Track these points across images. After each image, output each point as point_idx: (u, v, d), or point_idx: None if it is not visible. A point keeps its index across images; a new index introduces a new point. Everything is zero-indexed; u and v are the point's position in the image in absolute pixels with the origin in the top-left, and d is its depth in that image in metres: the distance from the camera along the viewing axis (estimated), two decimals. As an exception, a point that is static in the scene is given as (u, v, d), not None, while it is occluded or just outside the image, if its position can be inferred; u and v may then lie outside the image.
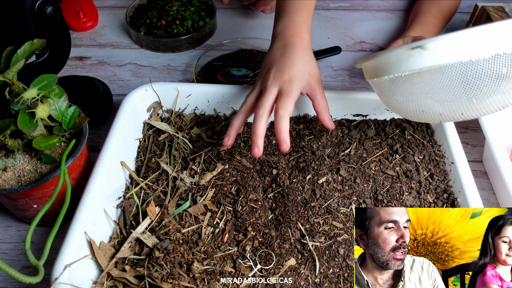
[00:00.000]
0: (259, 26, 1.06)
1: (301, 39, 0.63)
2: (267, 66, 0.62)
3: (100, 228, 0.61)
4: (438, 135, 0.74)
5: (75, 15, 1.01)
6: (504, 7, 0.85)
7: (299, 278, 0.57)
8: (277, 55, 0.61)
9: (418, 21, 0.83)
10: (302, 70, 0.59)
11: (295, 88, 0.58)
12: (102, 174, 0.64)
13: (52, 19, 0.64)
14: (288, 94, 0.57)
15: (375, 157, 0.71)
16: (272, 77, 0.59)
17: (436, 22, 0.82)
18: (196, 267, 0.57)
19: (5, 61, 0.57)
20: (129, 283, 0.57)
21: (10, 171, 0.59)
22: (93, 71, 0.94)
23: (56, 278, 0.53)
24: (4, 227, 0.69)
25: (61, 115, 0.61)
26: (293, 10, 0.65)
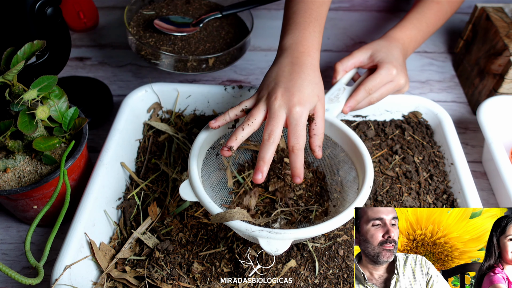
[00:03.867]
0: (257, 27, 1.06)
1: (311, 59, 0.60)
2: (274, 82, 0.59)
3: (100, 229, 0.62)
4: (438, 136, 0.74)
5: (75, 15, 1.00)
6: (504, 8, 0.86)
7: (298, 279, 0.57)
8: (285, 72, 0.59)
9: (413, 16, 0.80)
10: (311, 92, 0.57)
11: (304, 116, 0.56)
12: (102, 175, 0.64)
13: (52, 19, 0.64)
14: (299, 125, 0.55)
15: (374, 157, 0.71)
16: (280, 96, 0.56)
17: (432, 21, 0.80)
18: (196, 268, 0.58)
19: (5, 62, 0.57)
20: (129, 284, 0.57)
21: (10, 172, 0.59)
22: (93, 71, 0.94)
23: (56, 279, 0.53)
24: (5, 228, 0.69)
25: (61, 116, 0.61)
26: (304, 24, 0.63)
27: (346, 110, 0.68)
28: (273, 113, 0.56)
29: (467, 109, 0.88)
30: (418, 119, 0.77)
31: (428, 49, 1.01)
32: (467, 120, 0.86)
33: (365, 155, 0.60)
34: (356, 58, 0.72)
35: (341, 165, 0.66)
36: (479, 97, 0.85)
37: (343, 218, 0.53)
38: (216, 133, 0.63)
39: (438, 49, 1.02)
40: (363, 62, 0.72)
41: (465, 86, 0.91)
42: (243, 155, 0.70)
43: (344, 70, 0.72)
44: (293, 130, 0.55)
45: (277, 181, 0.67)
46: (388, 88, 0.69)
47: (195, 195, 0.56)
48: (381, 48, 0.71)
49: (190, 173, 0.57)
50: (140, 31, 0.83)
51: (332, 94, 0.69)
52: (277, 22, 1.11)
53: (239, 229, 0.52)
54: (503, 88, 0.79)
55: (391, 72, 0.68)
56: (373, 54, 0.71)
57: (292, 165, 0.56)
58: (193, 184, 0.56)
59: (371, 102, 0.69)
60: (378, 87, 0.68)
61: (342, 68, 0.72)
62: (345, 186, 0.64)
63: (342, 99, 0.68)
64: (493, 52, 0.81)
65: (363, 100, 0.68)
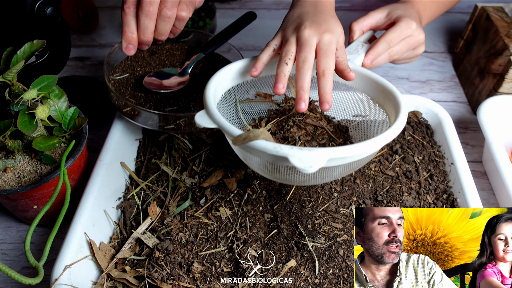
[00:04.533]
0: (257, 27, 1.06)
1: (330, 3, 0.64)
2: (299, 19, 0.60)
3: (100, 229, 0.62)
4: (438, 135, 0.74)
5: (75, 15, 1.00)
6: (504, 8, 0.85)
7: (298, 279, 0.57)
8: (309, 11, 0.61)
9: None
10: (336, 25, 0.60)
11: (334, 42, 0.57)
12: (102, 175, 0.64)
13: (52, 19, 0.64)
14: (329, 51, 0.56)
15: (374, 157, 0.71)
16: (309, 26, 0.58)
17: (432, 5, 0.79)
18: (196, 268, 0.58)
19: (5, 62, 0.57)
20: (129, 284, 0.57)
21: (10, 172, 0.59)
22: (93, 71, 0.94)
23: (56, 279, 0.53)
24: (4, 228, 0.69)
25: (61, 116, 0.61)
26: None
27: (367, 62, 0.66)
28: (304, 41, 0.57)
29: (467, 109, 0.88)
30: (418, 119, 0.77)
31: (428, 49, 1.01)
32: (467, 120, 0.86)
33: (394, 90, 0.58)
34: (372, 17, 0.70)
35: (366, 112, 0.63)
36: (479, 97, 0.85)
37: (384, 139, 0.50)
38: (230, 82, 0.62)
39: (438, 49, 1.02)
40: (379, 22, 0.71)
41: (465, 86, 0.91)
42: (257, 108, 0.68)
43: (361, 29, 0.70)
44: (324, 54, 0.56)
45: (297, 130, 0.63)
46: (408, 42, 0.67)
47: (213, 121, 0.52)
48: (398, 7, 0.70)
49: (206, 101, 0.54)
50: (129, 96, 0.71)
51: (351, 48, 0.67)
52: (277, 22, 1.11)
53: (266, 149, 0.47)
54: (503, 87, 0.79)
55: (411, 26, 0.66)
56: (390, 12, 0.70)
57: (321, 90, 0.55)
58: (210, 110, 0.53)
59: (391, 56, 0.67)
60: (398, 40, 0.66)
61: (358, 27, 0.70)
62: (371, 132, 0.62)
63: (362, 52, 0.66)
64: (493, 52, 0.81)
65: (383, 53, 0.66)
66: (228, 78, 0.62)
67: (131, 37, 0.67)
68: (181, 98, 0.71)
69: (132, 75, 0.75)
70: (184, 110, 0.70)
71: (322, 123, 0.64)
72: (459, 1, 0.81)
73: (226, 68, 0.61)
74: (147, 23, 0.66)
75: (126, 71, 0.76)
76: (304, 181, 0.54)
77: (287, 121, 0.62)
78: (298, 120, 0.63)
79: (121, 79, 0.74)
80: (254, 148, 0.48)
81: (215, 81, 0.58)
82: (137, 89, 0.72)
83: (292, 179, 0.53)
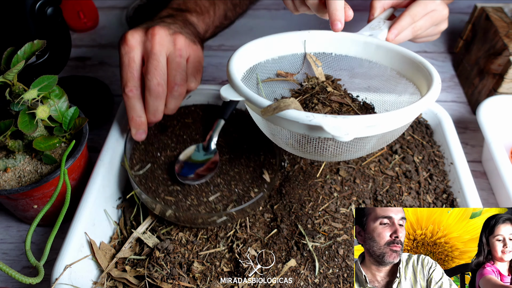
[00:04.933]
0: (257, 27, 1.06)
1: None
2: None
3: (100, 229, 0.62)
4: (438, 135, 0.75)
5: (75, 15, 1.01)
6: (503, 8, 0.86)
7: (298, 279, 0.57)
8: None
9: None
10: None
11: None
12: (102, 175, 0.64)
13: (53, 19, 0.64)
14: None
15: (374, 157, 0.71)
16: None
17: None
18: (196, 267, 0.58)
19: (5, 62, 0.57)
20: (129, 283, 0.57)
21: (10, 172, 0.60)
22: (93, 71, 0.94)
23: (56, 279, 0.53)
24: (5, 228, 0.69)
25: (61, 116, 0.61)
26: None
27: (391, 37, 0.63)
28: None
29: (467, 109, 0.89)
30: (418, 119, 0.77)
31: (428, 49, 1.02)
32: (467, 119, 0.86)
33: (424, 61, 0.56)
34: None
35: (393, 87, 0.61)
36: (478, 96, 0.85)
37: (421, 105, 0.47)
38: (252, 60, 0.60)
39: (438, 49, 1.02)
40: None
41: (465, 86, 0.91)
42: (278, 88, 0.64)
43: (382, 7, 0.67)
44: None
45: (323, 107, 0.58)
46: (432, 17, 0.65)
47: (239, 93, 0.49)
48: None
49: (230, 75, 0.51)
50: None
51: (373, 24, 0.65)
52: (277, 22, 1.11)
53: (298, 118, 0.44)
54: (503, 87, 0.79)
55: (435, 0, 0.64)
56: None
57: (331, 7, 0.51)
58: (236, 83, 0.50)
59: (414, 31, 0.65)
60: (422, 14, 0.64)
61: (380, 4, 0.67)
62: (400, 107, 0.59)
63: (385, 28, 0.64)
64: (492, 52, 0.81)
65: (407, 28, 0.64)
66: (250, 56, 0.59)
67: (140, 122, 0.63)
68: (220, 181, 0.65)
69: (155, 164, 0.67)
70: (229, 194, 0.64)
71: (347, 101, 0.61)
72: None
73: (248, 45, 0.58)
74: (157, 105, 0.62)
75: (145, 160, 0.67)
76: (336, 154, 0.51)
77: (311, 99, 0.60)
78: (322, 98, 0.59)
79: (145, 172, 0.66)
80: (285, 119, 0.45)
81: (237, 57, 0.56)
82: (168, 181, 0.65)
83: (324, 153, 0.50)
